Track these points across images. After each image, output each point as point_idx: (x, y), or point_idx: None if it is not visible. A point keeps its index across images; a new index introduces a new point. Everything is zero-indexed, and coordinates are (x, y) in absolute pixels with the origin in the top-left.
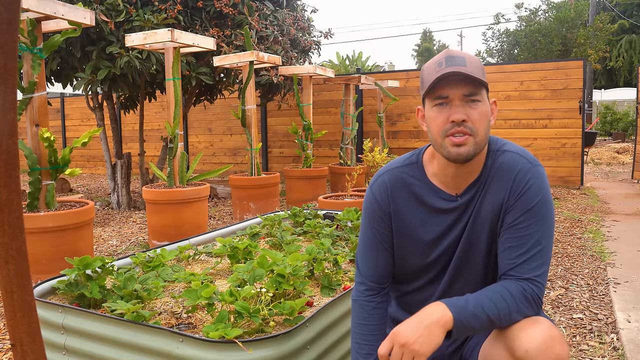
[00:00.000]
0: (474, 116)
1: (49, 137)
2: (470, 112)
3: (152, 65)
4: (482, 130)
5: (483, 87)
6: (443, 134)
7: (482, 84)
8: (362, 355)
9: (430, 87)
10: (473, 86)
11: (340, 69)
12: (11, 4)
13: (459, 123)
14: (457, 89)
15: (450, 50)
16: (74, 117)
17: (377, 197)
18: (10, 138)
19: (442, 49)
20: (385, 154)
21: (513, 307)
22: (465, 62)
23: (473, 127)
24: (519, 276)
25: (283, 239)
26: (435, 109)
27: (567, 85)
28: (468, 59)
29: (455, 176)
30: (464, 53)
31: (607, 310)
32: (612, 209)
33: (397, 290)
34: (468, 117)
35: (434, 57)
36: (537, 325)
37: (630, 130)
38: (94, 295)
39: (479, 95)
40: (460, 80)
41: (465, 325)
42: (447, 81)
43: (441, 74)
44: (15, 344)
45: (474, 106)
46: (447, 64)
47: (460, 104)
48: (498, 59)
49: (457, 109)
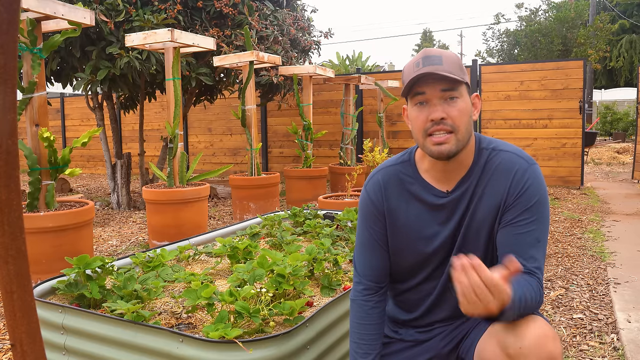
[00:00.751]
0: (453, 113)
1: (49, 137)
2: (449, 110)
3: (152, 65)
4: (463, 126)
5: (461, 83)
6: (424, 134)
7: (460, 81)
8: (360, 354)
9: (408, 88)
10: (450, 82)
11: (340, 69)
12: (11, 4)
13: (437, 121)
14: (434, 86)
15: (427, 49)
16: (73, 117)
17: (371, 196)
18: (10, 138)
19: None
20: (385, 154)
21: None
22: (441, 60)
23: (453, 124)
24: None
25: (283, 239)
26: (416, 109)
27: (567, 85)
28: (445, 57)
29: (445, 171)
30: (441, 51)
31: (607, 310)
32: (612, 209)
33: (393, 289)
34: (447, 115)
35: (413, 58)
36: (531, 322)
37: (630, 130)
38: (94, 295)
39: (457, 91)
40: (436, 78)
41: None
42: (423, 80)
43: (417, 74)
44: (15, 344)
45: (452, 103)
46: (424, 64)
47: (439, 102)
48: (498, 59)
49: (435, 108)
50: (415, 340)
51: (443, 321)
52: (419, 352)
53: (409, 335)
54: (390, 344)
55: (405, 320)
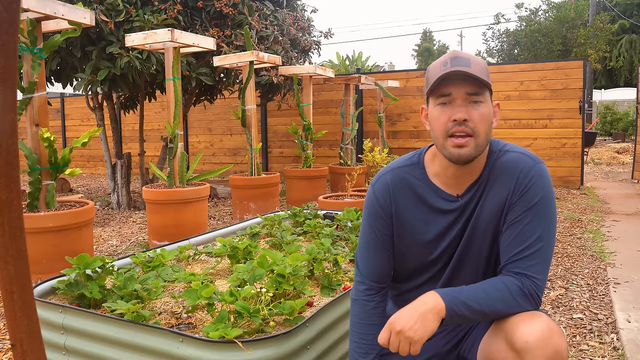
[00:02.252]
0: (476, 116)
1: (49, 137)
2: (472, 113)
3: (152, 65)
4: (484, 131)
5: (486, 89)
6: (445, 134)
7: (486, 85)
8: (360, 354)
9: (435, 85)
10: (476, 86)
11: (340, 69)
12: (11, 4)
13: (460, 122)
14: (460, 87)
15: (456, 51)
16: (74, 117)
17: (378, 196)
18: (10, 138)
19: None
20: (385, 154)
21: (508, 300)
22: (469, 63)
23: (474, 128)
24: (517, 271)
25: (283, 239)
26: (438, 108)
27: (567, 85)
28: (473, 60)
29: (456, 176)
30: (470, 55)
31: (607, 310)
32: (612, 209)
33: (395, 289)
34: (470, 117)
35: (440, 57)
36: (537, 318)
37: (630, 130)
38: (94, 295)
39: (482, 96)
40: (463, 79)
41: (458, 314)
42: (450, 80)
43: (445, 72)
44: (15, 344)
45: (476, 107)
46: (452, 64)
47: (463, 103)
48: (498, 59)
49: (459, 108)
50: None
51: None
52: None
53: None
54: None
55: None
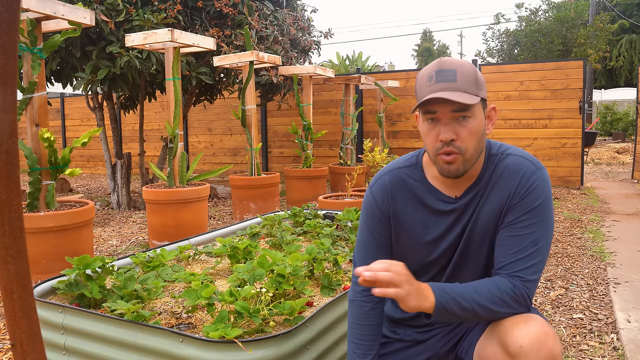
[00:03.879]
0: (463, 134)
1: (49, 137)
2: (460, 130)
3: (152, 65)
4: (472, 147)
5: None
6: (435, 152)
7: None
8: (358, 355)
9: (420, 101)
10: (463, 103)
11: (340, 69)
12: (11, 4)
13: (447, 142)
14: (445, 107)
15: (442, 61)
16: (74, 117)
17: (376, 198)
18: (10, 138)
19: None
20: (385, 154)
21: (498, 301)
22: (455, 76)
23: (461, 146)
24: (510, 273)
25: (283, 239)
26: (427, 124)
27: (567, 85)
28: (459, 72)
29: (454, 179)
30: (457, 64)
31: (607, 310)
32: (612, 209)
33: None
34: (457, 136)
35: (428, 66)
36: (531, 321)
37: (630, 130)
38: (94, 295)
39: (469, 110)
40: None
41: (447, 310)
42: (435, 101)
43: (429, 96)
44: (15, 344)
45: (464, 123)
46: (437, 79)
47: (449, 122)
48: (498, 59)
49: (445, 128)
50: (413, 340)
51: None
52: (417, 352)
53: (408, 336)
54: (389, 344)
55: (401, 318)
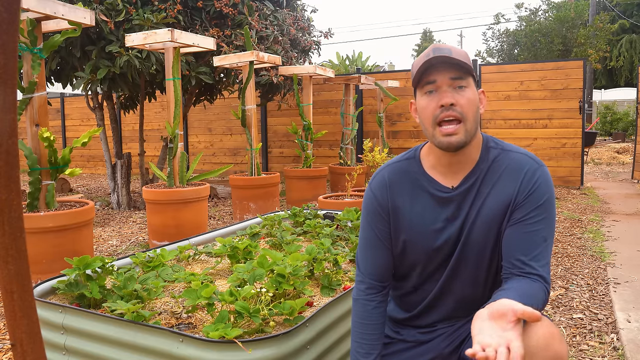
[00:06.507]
0: (462, 101)
1: (49, 137)
2: (459, 97)
3: (152, 65)
4: (471, 115)
5: (469, 75)
6: (434, 121)
7: (469, 71)
8: (361, 354)
9: (419, 75)
10: (459, 71)
11: (340, 69)
12: (11, 4)
13: (447, 107)
14: (444, 73)
15: (437, 44)
16: (74, 117)
17: (375, 193)
18: (10, 138)
19: None
20: (385, 154)
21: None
22: (451, 52)
23: (462, 112)
24: (531, 272)
25: (283, 239)
26: (425, 97)
27: (567, 85)
28: (454, 49)
29: (451, 165)
30: (450, 45)
31: (607, 310)
32: (612, 209)
33: (395, 289)
34: (457, 102)
35: (422, 53)
36: (537, 322)
37: (630, 130)
38: (94, 295)
39: (466, 80)
40: (446, 65)
41: None
42: (434, 67)
43: (427, 59)
44: (15, 344)
45: (461, 92)
46: (434, 54)
47: (448, 89)
48: (498, 59)
49: (445, 94)
50: (416, 340)
51: (444, 321)
52: (420, 352)
53: (411, 336)
54: (392, 344)
55: (403, 318)
